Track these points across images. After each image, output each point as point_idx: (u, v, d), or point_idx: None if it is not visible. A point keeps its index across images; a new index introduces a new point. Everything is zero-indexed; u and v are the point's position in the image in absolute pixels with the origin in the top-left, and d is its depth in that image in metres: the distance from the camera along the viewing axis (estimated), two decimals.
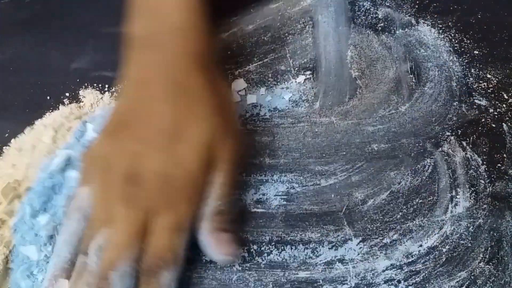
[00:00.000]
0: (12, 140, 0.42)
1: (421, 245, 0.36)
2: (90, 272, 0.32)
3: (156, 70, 0.36)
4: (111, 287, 0.31)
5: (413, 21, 0.48)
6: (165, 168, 0.33)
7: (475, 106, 0.42)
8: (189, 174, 0.33)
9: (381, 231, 0.37)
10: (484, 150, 0.40)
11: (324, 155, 0.40)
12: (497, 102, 0.42)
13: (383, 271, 0.35)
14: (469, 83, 0.43)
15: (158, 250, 0.32)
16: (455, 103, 0.42)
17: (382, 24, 0.48)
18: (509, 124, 0.41)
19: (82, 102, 0.44)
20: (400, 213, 0.37)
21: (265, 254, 0.36)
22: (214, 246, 0.34)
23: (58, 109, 0.44)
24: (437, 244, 0.36)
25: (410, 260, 0.35)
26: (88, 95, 0.45)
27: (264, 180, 0.39)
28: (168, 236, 0.32)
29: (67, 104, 0.44)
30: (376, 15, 0.48)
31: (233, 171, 0.35)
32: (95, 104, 0.44)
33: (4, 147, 0.42)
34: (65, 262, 0.33)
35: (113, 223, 0.32)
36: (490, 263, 0.35)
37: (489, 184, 0.38)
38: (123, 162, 0.33)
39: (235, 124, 0.40)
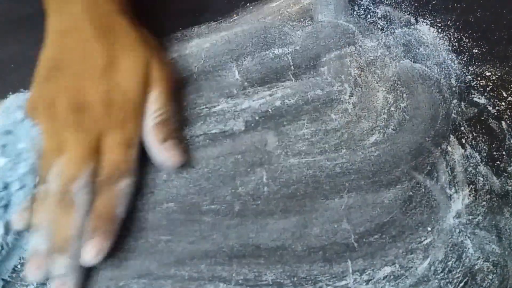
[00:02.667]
0: None
1: (420, 242, 0.36)
2: (52, 194, 0.34)
3: (79, 18, 0.39)
4: (74, 202, 0.33)
5: (412, 20, 0.48)
6: (106, 94, 0.36)
7: (474, 104, 0.42)
8: (129, 95, 0.37)
9: (379, 228, 0.37)
10: (483, 147, 0.40)
11: (323, 152, 0.40)
12: (496, 100, 0.42)
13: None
14: (468, 81, 0.44)
15: (113, 162, 0.35)
16: (454, 101, 0.43)
17: (381, 23, 0.48)
18: (508, 122, 0.41)
19: None
20: (399, 210, 0.37)
21: None
22: (163, 154, 0.37)
23: None
24: (436, 241, 0.36)
25: (409, 256, 0.35)
26: None
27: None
28: (120, 151, 0.36)
29: None
30: (376, 13, 0.48)
31: (168, 87, 0.39)
32: None
33: None
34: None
35: (66, 149, 0.35)
36: (489, 260, 0.35)
37: (488, 182, 0.38)
38: (66, 96, 0.36)
39: (162, 52, 0.43)
